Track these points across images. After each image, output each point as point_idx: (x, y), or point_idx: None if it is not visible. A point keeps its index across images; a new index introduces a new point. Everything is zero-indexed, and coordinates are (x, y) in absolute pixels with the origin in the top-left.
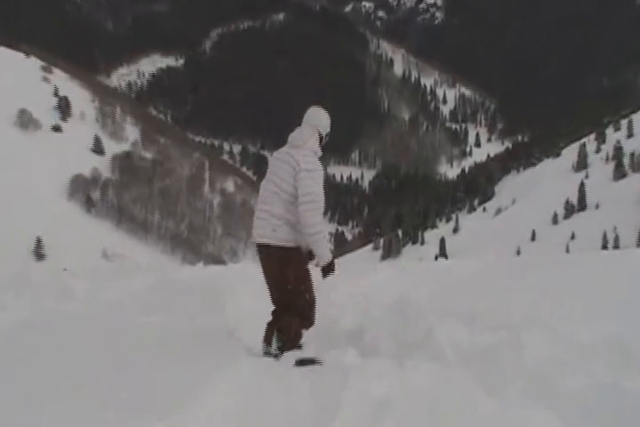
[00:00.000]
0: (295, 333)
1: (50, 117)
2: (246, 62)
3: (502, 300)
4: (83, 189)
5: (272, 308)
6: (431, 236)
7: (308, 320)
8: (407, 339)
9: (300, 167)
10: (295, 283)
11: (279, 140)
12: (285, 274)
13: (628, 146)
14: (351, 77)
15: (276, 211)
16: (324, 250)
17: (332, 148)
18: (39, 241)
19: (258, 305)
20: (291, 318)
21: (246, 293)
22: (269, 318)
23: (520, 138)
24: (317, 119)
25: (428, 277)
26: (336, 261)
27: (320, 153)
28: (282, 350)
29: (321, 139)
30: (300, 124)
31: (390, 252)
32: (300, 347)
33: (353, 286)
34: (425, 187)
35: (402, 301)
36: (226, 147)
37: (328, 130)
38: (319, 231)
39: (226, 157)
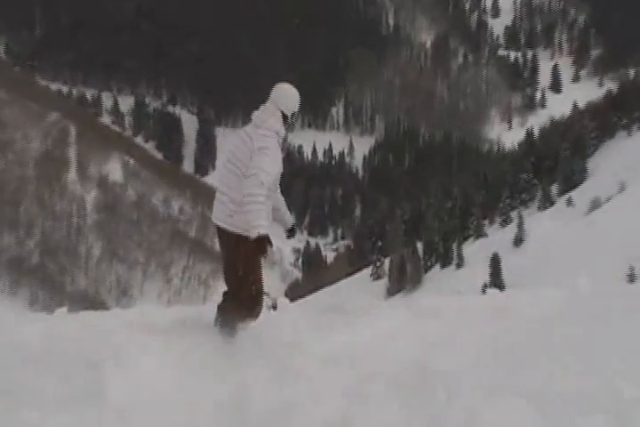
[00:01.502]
0: (235, 317)
1: None
2: None
3: (599, 365)
4: None
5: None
6: (475, 251)
7: (250, 314)
8: None
9: (254, 147)
10: (244, 271)
11: (203, 91)
12: (236, 260)
13: None
14: None
15: (234, 196)
16: (255, 219)
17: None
18: None
19: (162, 384)
20: (235, 307)
21: (145, 363)
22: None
23: (632, 74)
24: (281, 98)
25: (469, 325)
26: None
27: (283, 133)
28: (222, 324)
29: (285, 118)
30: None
31: (402, 282)
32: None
33: (335, 344)
34: (463, 165)
35: (421, 368)
36: (106, 101)
37: (294, 110)
38: (254, 201)
39: (107, 118)
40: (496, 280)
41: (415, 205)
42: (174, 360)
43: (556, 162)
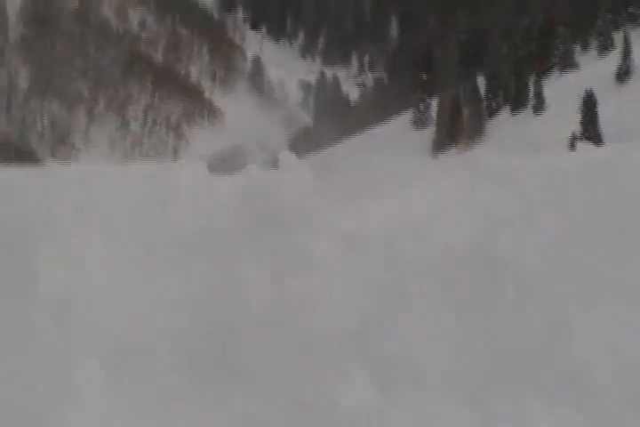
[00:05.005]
0: None
1: None
2: None
3: None
4: None
5: None
6: (560, 89)
7: None
8: None
9: None
10: None
11: None
12: None
13: None
14: None
15: None
16: None
17: None
18: None
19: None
20: None
21: (88, 254)
22: None
23: None
24: None
25: (554, 196)
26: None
27: None
28: None
29: None
30: None
31: (456, 132)
32: None
33: (362, 220)
34: None
35: (483, 256)
36: None
37: None
38: None
39: None
40: (590, 131)
41: (475, 22)
42: (126, 251)
43: None
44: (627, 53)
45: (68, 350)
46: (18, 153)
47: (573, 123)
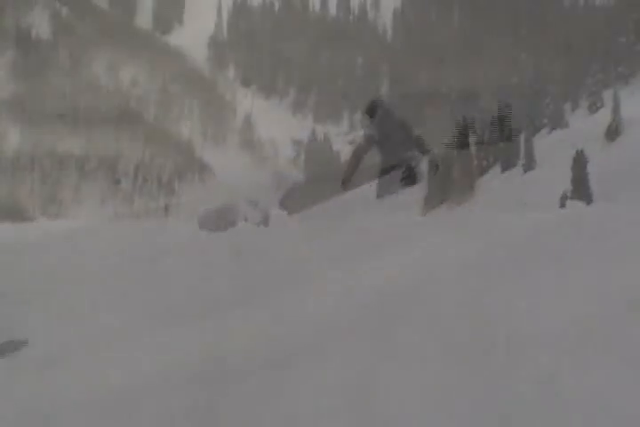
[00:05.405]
0: None
1: None
2: None
3: None
4: None
5: None
6: (551, 147)
7: None
8: None
9: None
10: None
11: None
12: None
13: None
14: None
15: None
16: None
17: None
18: None
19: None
20: None
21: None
22: None
23: None
24: None
25: (543, 253)
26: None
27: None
28: None
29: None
30: None
31: (447, 189)
32: None
33: (356, 277)
34: (536, 23)
35: (473, 313)
36: None
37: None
38: None
39: None
40: (580, 189)
41: (467, 79)
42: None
43: None
44: (616, 112)
45: (55, 409)
46: (8, 210)
47: (563, 181)
